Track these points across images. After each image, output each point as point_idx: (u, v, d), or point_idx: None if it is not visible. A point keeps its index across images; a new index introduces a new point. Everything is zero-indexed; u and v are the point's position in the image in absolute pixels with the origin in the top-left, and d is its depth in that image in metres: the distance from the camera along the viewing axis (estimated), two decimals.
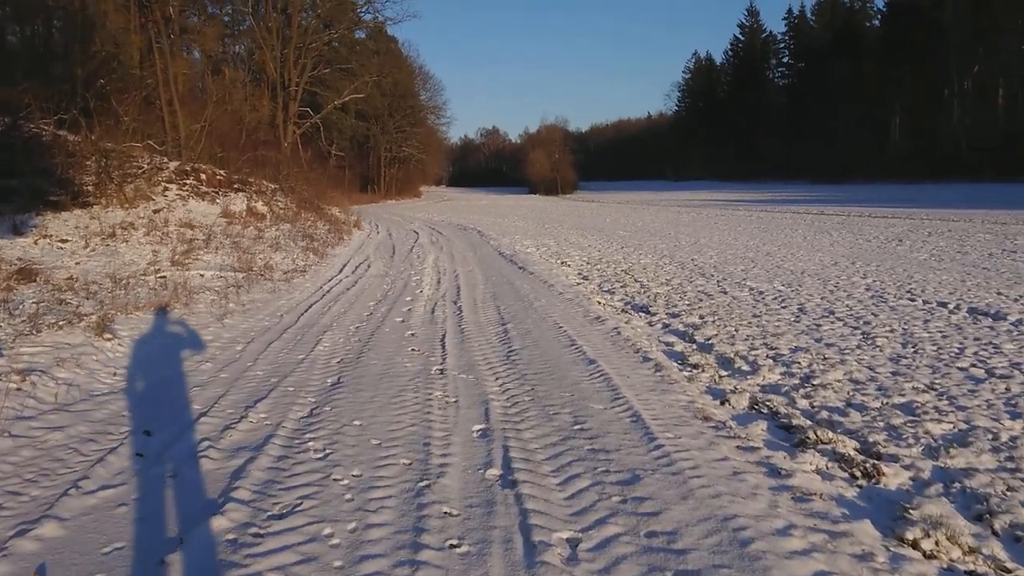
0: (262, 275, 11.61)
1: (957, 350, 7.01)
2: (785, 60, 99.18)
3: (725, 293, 10.66)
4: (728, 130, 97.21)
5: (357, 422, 4.59)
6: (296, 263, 13.79)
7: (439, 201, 64.07)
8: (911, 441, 4.55)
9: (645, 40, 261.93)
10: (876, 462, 4.18)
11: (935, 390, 5.71)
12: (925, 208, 31.09)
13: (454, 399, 5.14)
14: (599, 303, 9.55)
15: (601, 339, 7.19)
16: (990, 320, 8.45)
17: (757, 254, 15.83)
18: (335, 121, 59.51)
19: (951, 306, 9.33)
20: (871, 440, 4.56)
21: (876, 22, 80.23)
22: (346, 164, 65.02)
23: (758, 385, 5.93)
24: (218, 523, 3.23)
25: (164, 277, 11.31)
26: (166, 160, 23.50)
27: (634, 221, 28.73)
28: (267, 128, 39.87)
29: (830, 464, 4.22)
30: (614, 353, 6.58)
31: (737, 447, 4.29)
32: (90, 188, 18.12)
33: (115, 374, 5.81)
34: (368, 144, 70.62)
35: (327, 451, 4.09)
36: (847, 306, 9.49)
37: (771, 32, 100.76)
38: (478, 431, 4.48)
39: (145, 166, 21.31)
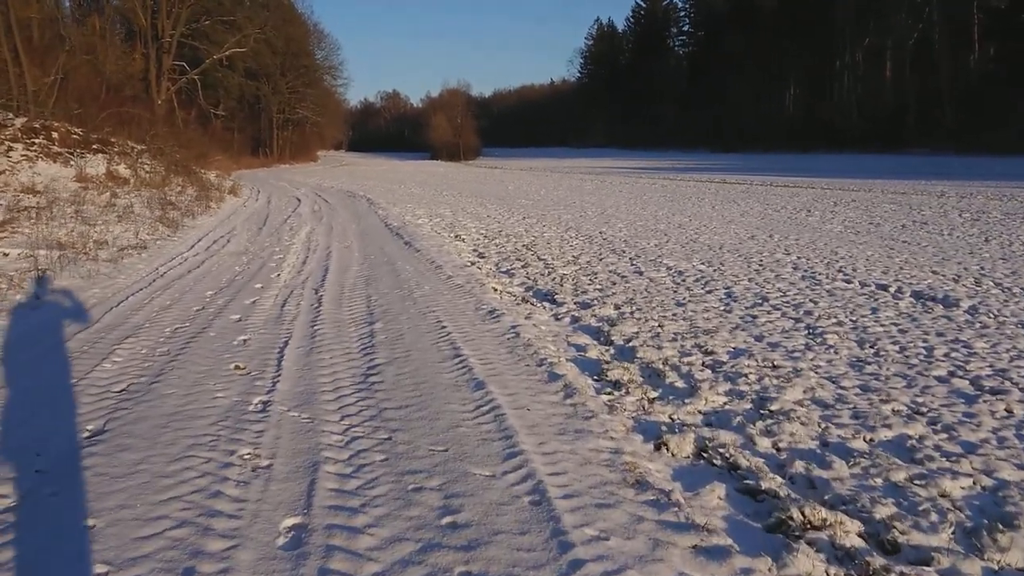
0: (85, 254, 9.48)
1: (924, 351, 5.76)
2: (686, 29, 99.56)
3: (641, 274, 9.24)
4: (629, 98, 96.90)
5: (90, 522, 2.81)
6: (140, 237, 11.61)
7: (336, 166, 61.00)
8: (934, 517, 3.12)
9: (549, 5, 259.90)
10: (903, 570, 2.73)
11: (923, 415, 4.37)
12: (822, 177, 31.10)
13: (267, 462, 3.40)
14: (495, 289, 7.91)
15: (495, 345, 5.56)
16: (941, 307, 7.32)
17: (669, 226, 14.57)
18: (220, 79, 55.50)
19: (892, 289, 8.21)
20: (878, 517, 3.12)
21: None
22: (235, 126, 61.02)
23: (700, 413, 4.44)
24: None
25: None
26: (11, 116, 20.60)
27: (537, 189, 27.24)
28: (138, 84, 36.33)
29: (836, 573, 2.74)
30: (511, 368, 4.96)
31: (694, 548, 2.75)
32: None
33: None
34: (259, 105, 66.54)
35: None
36: (779, 290, 8.23)
37: (672, 0, 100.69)
38: (287, 535, 2.75)
39: None
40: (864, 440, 4.04)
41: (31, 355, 5.15)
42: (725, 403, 4.60)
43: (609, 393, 4.69)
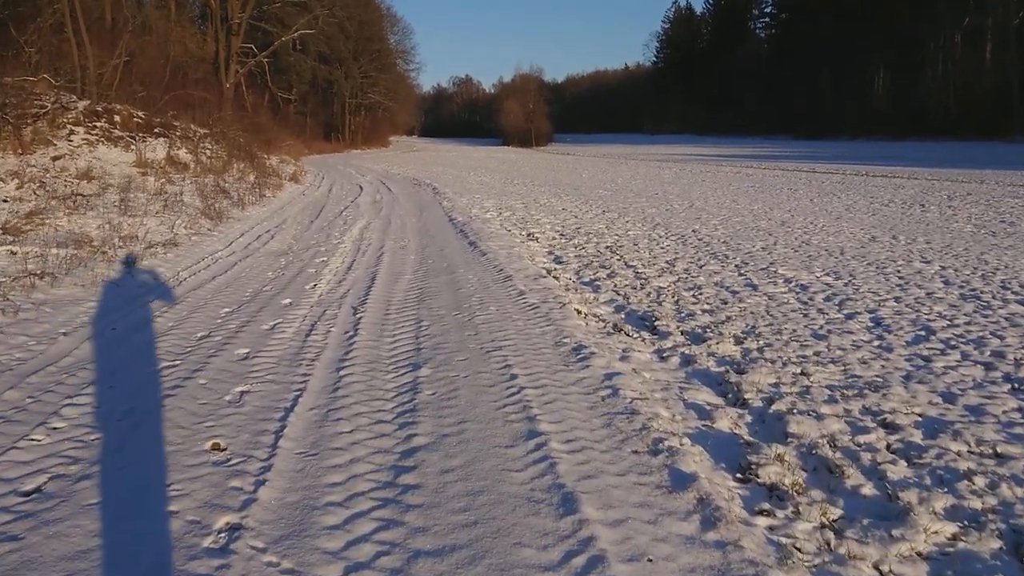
0: (104, 253, 8.21)
1: None
2: (768, 11, 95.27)
3: (755, 289, 7.49)
4: (707, 83, 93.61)
5: None
6: (175, 232, 10.36)
7: (406, 152, 59.94)
8: None
9: None
10: None
11: None
12: (921, 167, 28.61)
13: None
14: (578, 312, 6.26)
15: (585, 411, 3.93)
16: None
17: (770, 223, 12.69)
18: (292, 63, 55.02)
19: None
20: None
21: None
22: (307, 111, 60.72)
23: (923, 558, 2.75)
24: None
25: None
26: (74, 99, 19.86)
27: (613, 178, 25.40)
28: (206, 67, 35.70)
29: None
30: (613, 460, 3.32)
31: None
32: None
33: None
34: (332, 90, 66.06)
35: None
36: (941, 316, 6.41)
37: None
38: None
39: (49, 105, 17.77)
40: None
41: None
42: (956, 535, 2.90)
43: (767, 513, 3.02)
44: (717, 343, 5.48)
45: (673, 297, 7.07)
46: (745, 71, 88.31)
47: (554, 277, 7.86)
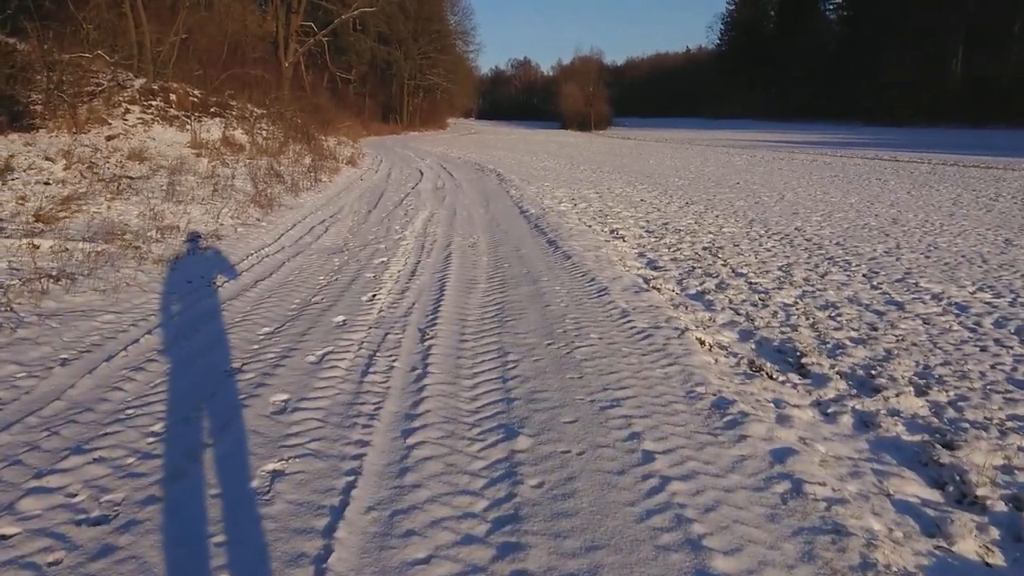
0: (136, 248, 7.19)
1: None
2: None
3: (900, 308, 6.12)
4: (773, 66, 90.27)
5: None
6: (220, 222, 9.35)
7: (464, 134, 58.75)
8: None
9: None
10: None
11: None
12: (1015, 157, 26.61)
13: None
14: (701, 342, 4.97)
15: (765, 525, 2.65)
16: None
17: (879, 220, 11.19)
18: (352, 43, 54.25)
19: None
20: None
21: None
22: (366, 92, 60.03)
23: None
24: None
25: None
26: (130, 76, 19.20)
27: (684, 164, 23.84)
28: (265, 46, 35.00)
29: None
30: None
31: None
32: (39, 107, 14.02)
33: None
34: (391, 71, 65.26)
35: None
36: None
37: None
38: None
39: (105, 83, 17.11)
40: None
41: None
42: None
43: None
44: (892, 390, 4.16)
45: (807, 319, 5.74)
46: (813, 54, 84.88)
47: (655, 289, 6.56)
